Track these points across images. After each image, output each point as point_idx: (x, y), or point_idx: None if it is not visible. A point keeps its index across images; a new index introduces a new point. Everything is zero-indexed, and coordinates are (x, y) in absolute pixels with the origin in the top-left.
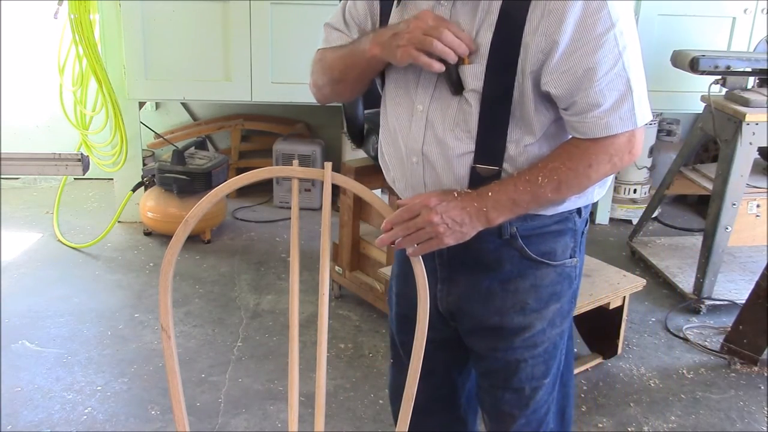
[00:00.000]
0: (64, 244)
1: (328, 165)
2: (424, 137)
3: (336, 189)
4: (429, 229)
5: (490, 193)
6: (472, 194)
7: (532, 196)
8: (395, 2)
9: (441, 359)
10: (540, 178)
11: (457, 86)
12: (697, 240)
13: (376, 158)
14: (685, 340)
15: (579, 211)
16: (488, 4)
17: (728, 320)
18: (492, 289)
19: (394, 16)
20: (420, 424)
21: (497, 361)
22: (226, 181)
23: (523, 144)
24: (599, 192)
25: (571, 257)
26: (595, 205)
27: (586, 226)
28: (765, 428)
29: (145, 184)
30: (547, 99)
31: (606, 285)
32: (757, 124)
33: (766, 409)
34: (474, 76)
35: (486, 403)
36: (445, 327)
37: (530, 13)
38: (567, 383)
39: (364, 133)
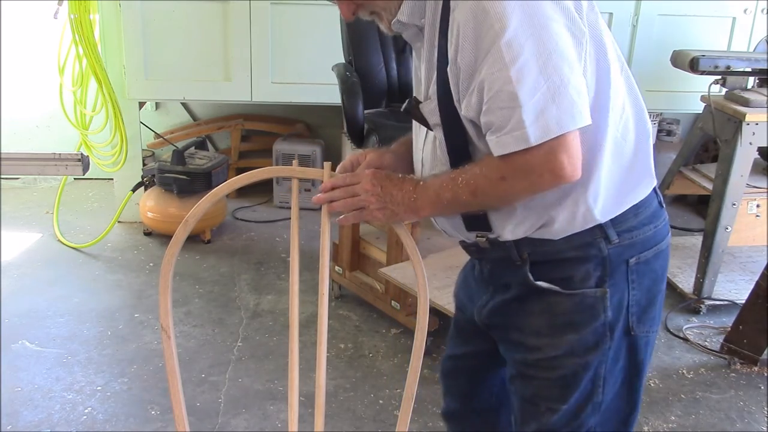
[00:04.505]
0: (64, 244)
1: (328, 165)
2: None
3: None
4: (363, 196)
5: (421, 182)
6: (413, 180)
7: (453, 195)
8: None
9: (483, 380)
10: (460, 179)
11: (424, 123)
12: (697, 240)
13: None
14: (685, 340)
15: (606, 237)
16: (431, 41)
17: (728, 320)
18: (513, 307)
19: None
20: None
21: (515, 368)
22: (226, 181)
23: None
24: (602, 212)
25: (597, 287)
26: None
27: (633, 256)
28: (765, 428)
29: (145, 184)
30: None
31: None
32: (757, 124)
33: (766, 409)
34: (431, 112)
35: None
36: (482, 340)
37: (448, 45)
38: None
39: (364, 133)
